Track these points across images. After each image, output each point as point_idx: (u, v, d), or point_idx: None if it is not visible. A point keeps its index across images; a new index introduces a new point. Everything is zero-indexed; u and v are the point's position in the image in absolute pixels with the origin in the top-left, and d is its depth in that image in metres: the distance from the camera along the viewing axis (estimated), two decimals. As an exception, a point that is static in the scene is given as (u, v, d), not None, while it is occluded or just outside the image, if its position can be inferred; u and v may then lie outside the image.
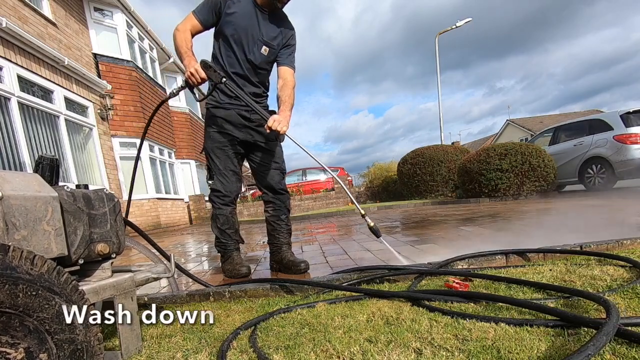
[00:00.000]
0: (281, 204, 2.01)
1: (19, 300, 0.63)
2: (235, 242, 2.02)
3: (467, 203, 6.75)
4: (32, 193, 0.81)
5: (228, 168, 1.94)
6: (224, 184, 1.93)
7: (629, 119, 5.95)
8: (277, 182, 1.99)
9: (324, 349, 0.92)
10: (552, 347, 0.80)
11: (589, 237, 1.87)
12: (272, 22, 1.85)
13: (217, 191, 1.94)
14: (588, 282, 1.24)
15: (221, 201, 1.94)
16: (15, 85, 5.03)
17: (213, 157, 1.93)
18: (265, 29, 1.83)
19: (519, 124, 26.12)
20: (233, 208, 1.99)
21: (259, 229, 5.61)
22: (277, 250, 2.02)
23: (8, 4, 5.25)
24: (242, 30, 1.80)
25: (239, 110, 1.89)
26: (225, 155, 1.93)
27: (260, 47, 1.84)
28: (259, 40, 1.82)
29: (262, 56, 1.86)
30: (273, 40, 1.86)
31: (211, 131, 1.93)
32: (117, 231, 1.05)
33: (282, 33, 1.88)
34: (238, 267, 1.91)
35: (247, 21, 1.79)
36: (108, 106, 7.42)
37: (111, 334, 1.28)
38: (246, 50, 1.83)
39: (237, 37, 1.80)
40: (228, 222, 1.96)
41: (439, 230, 3.10)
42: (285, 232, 2.03)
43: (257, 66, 1.87)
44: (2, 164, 4.69)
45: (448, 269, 1.61)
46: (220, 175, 1.93)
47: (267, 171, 1.98)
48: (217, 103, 1.91)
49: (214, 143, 1.93)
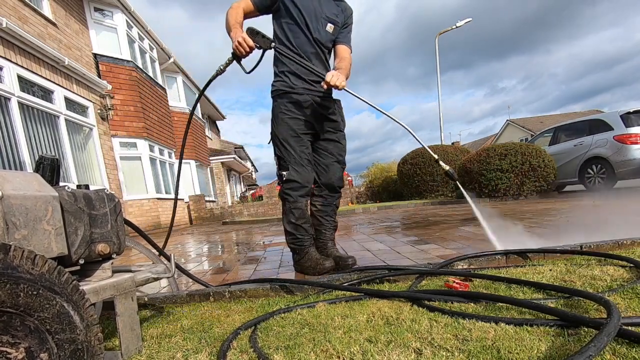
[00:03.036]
0: (332, 200, 1.96)
1: (20, 300, 0.63)
2: (312, 237, 1.89)
3: (467, 203, 6.75)
4: (32, 193, 0.81)
5: (304, 157, 1.82)
6: (301, 174, 1.80)
7: (629, 119, 5.95)
8: (338, 178, 1.94)
9: (324, 349, 0.92)
10: (552, 347, 0.80)
11: (589, 237, 1.87)
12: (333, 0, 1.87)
13: (293, 182, 1.80)
14: (588, 282, 1.24)
15: (298, 193, 1.81)
16: (15, 85, 5.03)
17: (287, 145, 1.81)
18: (327, 7, 1.84)
19: (519, 124, 26.12)
20: (307, 200, 1.88)
21: (259, 229, 5.61)
22: (323, 246, 1.96)
23: (8, 4, 5.25)
24: (306, 10, 1.79)
25: (313, 96, 1.83)
26: (301, 143, 1.82)
27: (325, 25, 1.83)
28: (322, 18, 1.83)
29: (327, 34, 1.85)
30: (336, 17, 1.87)
31: (285, 117, 1.82)
32: (117, 231, 1.05)
33: (343, 11, 1.90)
34: (322, 262, 1.78)
35: (310, 1, 1.80)
36: (108, 106, 7.42)
37: (111, 334, 1.28)
38: (312, 30, 1.80)
39: (302, 17, 1.79)
40: (304, 215, 1.84)
41: (439, 230, 3.10)
42: (331, 228, 1.98)
43: (323, 44, 1.85)
44: (2, 163, 4.69)
45: (448, 269, 1.61)
46: (296, 165, 1.80)
47: (331, 164, 1.92)
48: (290, 88, 1.82)
49: (288, 130, 1.81)
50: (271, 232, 4.75)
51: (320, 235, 1.97)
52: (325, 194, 1.94)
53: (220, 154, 16.50)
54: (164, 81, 10.51)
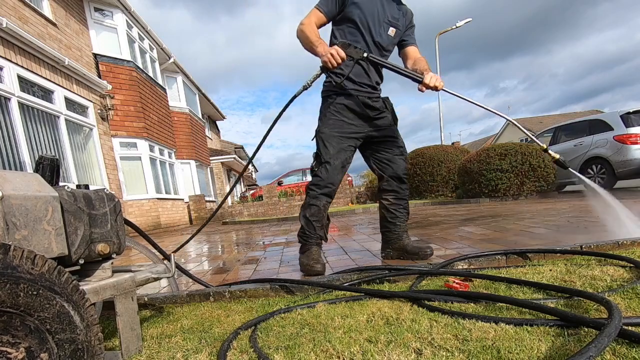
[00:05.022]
0: (404, 192, 1.99)
1: (20, 300, 0.63)
2: (319, 237, 1.95)
3: (467, 203, 6.75)
4: (32, 193, 0.81)
5: (338, 159, 1.88)
6: (328, 173, 1.87)
7: (629, 119, 5.95)
8: (403, 169, 1.97)
9: (324, 349, 0.92)
10: (553, 347, 0.80)
11: (589, 237, 1.87)
12: (394, 3, 1.88)
13: (319, 179, 1.88)
14: (588, 282, 1.24)
15: (319, 190, 1.88)
16: (15, 85, 5.03)
17: (327, 144, 1.87)
18: (389, 10, 1.86)
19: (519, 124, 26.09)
20: (328, 201, 1.92)
21: (259, 229, 5.61)
22: (397, 238, 1.99)
23: (8, 4, 5.25)
24: (369, 14, 1.81)
25: (363, 98, 1.87)
26: (340, 146, 1.88)
27: (387, 29, 1.85)
28: (385, 22, 1.84)
29: (389, 38, 1.87)
30: (397, 21, 1.88)
31: (332, 118, 1.88)
32: (117, 231, 1.05)
33: (404, 14, 1.91)
34: (313, 264, 1.85)
35: (373, 4, 1.82)
36: (108, 106, 7.42)
37: (111, 334, 1.28)
38: (374, 34, 1.83)
39: (365, 21, 1.81)
40: (318, 214, 1.90)
41: (439, 230, 3.10)
42: (404, 219, 2.01)
43: (384, 48, 1.88)
44: (2, 163, 4.69)
45: (448, 269, 1.61)
46: (329, 165, 1.86)
47: (393, 158, 1.96)
48: (341, 89, 1.86)
49: (332, 130, 1.87)
50: (271, 232, 4.75)
51: (396, 227, 2.00)
52: (395, 186, 1.98)
53: (220, 154, 16.51)
54: (164, 81, 10.51)
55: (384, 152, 1.97)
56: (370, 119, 1.91)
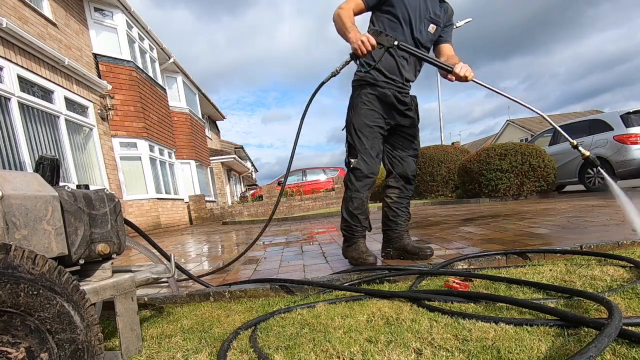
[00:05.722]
0: (407, 192, 1.99)
1: (20, 300, 0.63)
2: (364, 229, 1.94)
3: (467, 203, 6.75)
4: (32, 192, 0.81)
5: (374, 149, 1.86)
6: (369, 164, 1.85)
7: (629, 119, 5.95)
8: (412, 170, 1.98)
9: (324, 349, 0.92)
10: (553, 347, 0.80)
11: (589, 237, 1.87)
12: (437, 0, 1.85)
13: (359, 170, 1.85)
14: (588, 282, 1.24)
15: (361, 183, 1.86)
16: (15, 85, 5.03)
17: (360, 134, 1.85)
18: (432, 6, 1.82)
19: (519, 124, 26.13)
20: (370, 192, 1.91)
21: (259, 229, 5.60)
22: (398, 237, 1.98)
23: (8, 4, 5.25)
24: (412, 9, 1.78)
25: (394, 92, 1.84)
26: (374, 135, 1.86)
27: (427, 26, 1.83)
28: (426, 18, 1.81)
29: (428, 35, 1.84)
30: (439, 18, 1.85)
31: (364, 107, 1.85)
32: (117, 231, 1.05)
33: (445, 10, 1.89)
34: (365, 256, 1.85)
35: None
36: (108, 106, 7.42)
37: (111, 334, 1.28)
38: (414, 29, 1.79)
39: (407, 15, 1.78)
40: (363, 206, 1.89)
41: (439, 230, 3.10)
42: (406, 219, 2.01)
43: (422, 44, 1.84)
44: (2, 163, 4.69)
45: (448, 269, 1.61)
46: (365, 155, 1.85)
47: (406, 157, 1.97)
48: (374, 80, 1.84)
49: (364, 120, 1.85)
50: (271, 232, 4.75)
51: (397, 226, 1.99)
52: (401, 185, 1.98)
53: (220, 154, 16.50)
54: (164, 81, 10.52)
55: (399, 149, 1.97)
56: (399, 111, 1.89)
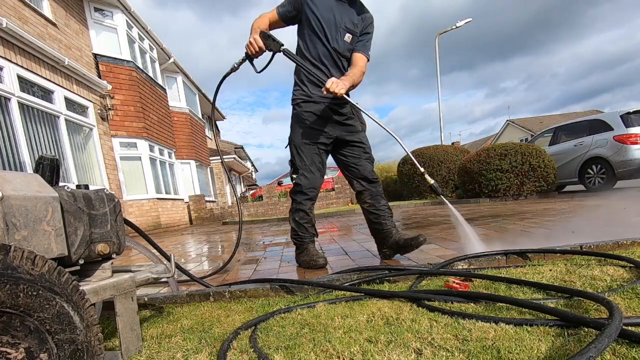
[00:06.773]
0: (376, 190, 2.04)
1: (19, 300, 0.63)
2: (311, 235, 2.07)
3: (467, 203, 6.75)
4: (32, 193, 0.81)
5: (314, 164, 1.98)
6: (309, 180, 1.98)
7: (629, 119, 5.95)
8: (370, 171, 2.03)
9: (324, 349, 0.92)
10: (553, 347, 0.79)
11: (589, 237, 1.87)
12: (352, 9, 1.91)
13: (300, 186, 1.99)
14: (588, 283, 1.24)
15: (303, 196, 2.00)
16: (15, 85, 5.03)
17: (300, 152, 1.97)
18: (346, 16, 1.89)
19: (519, 124, 26.13)
20: (313, 203, 2.05)
21: (259, 229, 5.61)
22: (388, 235, 2.00)
23: (8, 4, 5.25)
24: (325, 21, 1.85)
25: (330, 105, 1.92)
26: (312, 151, 1.96)
27: (343, 35, 1.89)
28: (341, 28, 1.87)
29: (345, 44, 1.91)
30: (355, 27, 1.91)
31: (300, 126, 1.96)
32: (117, 231, 1.05)
33: (362, 20, 1.93)
34: (315, 258, 1.95)
35: (329, 11, 1.86)
36: (108, 106, 7.42)
37: (111, 334, 1.28)
38: (331, 39, 1.87)
39: (321, 27, 1.85)
40: (307, 216, 2.03)
41: (439, 230, 3.10)
42: (389, 216, 2.03)
43: (341, 54, 1.91)
44: (2, 164, 4.69)
45: (448, 269, 1.61)
46: (306, 171, 1.97)
47: (360, 163, 2.02)
48: (307, 97, 1.93)
49: (301, 139, 1.96)
50: (271, 232, 4.75)
51: (381, 226, 2.03)
52: (366, 186, 2.04)
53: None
54: (164, 81, 10.52)
55: (351, 156, 2.03)
56: (338, 122, 1.97)
